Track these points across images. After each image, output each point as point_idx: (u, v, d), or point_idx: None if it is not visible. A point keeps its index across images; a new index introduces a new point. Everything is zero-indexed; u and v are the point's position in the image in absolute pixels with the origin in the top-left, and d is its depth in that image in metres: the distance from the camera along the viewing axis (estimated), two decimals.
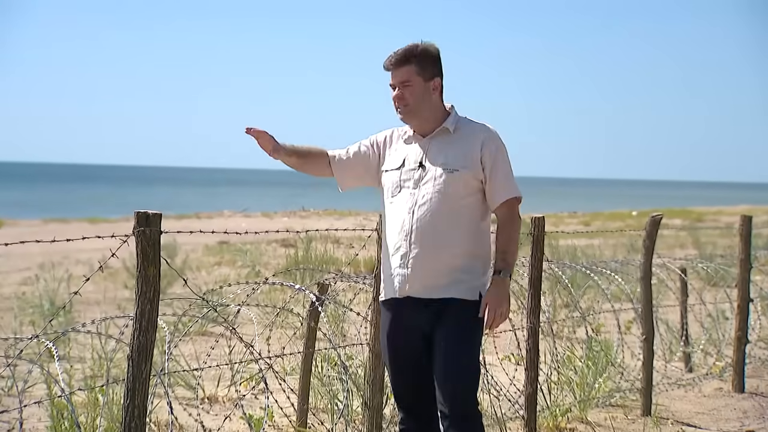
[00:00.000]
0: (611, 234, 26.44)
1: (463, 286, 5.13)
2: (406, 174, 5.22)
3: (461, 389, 5.09)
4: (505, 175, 5.20)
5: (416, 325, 5.15)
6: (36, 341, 6.15)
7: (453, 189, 5.12)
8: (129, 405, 4.84)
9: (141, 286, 4.84)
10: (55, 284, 14.44)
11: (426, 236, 5.09)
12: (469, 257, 5.16)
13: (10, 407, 7.37)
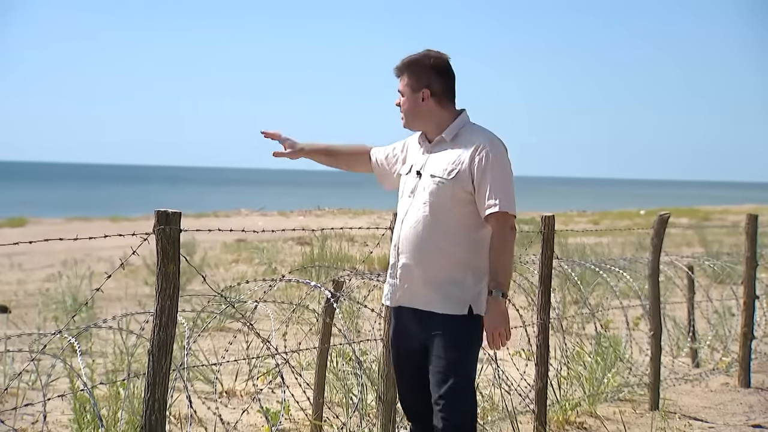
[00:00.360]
0: (619, 232, 26.40)
1: (450, 300, 4.91)
2: (407, 180, 5.14)
3: (453, 412, 4.88)
4: (493, 188, 4.89)
5: (412, 332, 5.03)
6: (59, 336, 6.15)
7: (440, 200, 4.93)
8: (149, 398, 4.84)
9: (161, 283, 4.84)
10: (78, 281, 14.49)
11: (411, 247, 4.95)
12: (460, 269, 4.93)
13: (35, 400, 7.39)
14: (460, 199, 4.92)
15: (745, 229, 9.84)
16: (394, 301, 5.07)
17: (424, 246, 4.92)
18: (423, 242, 4.92)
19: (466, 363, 4.95)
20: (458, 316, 4.90)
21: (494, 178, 4.89)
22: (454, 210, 4.92)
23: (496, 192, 4.87)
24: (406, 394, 5.17)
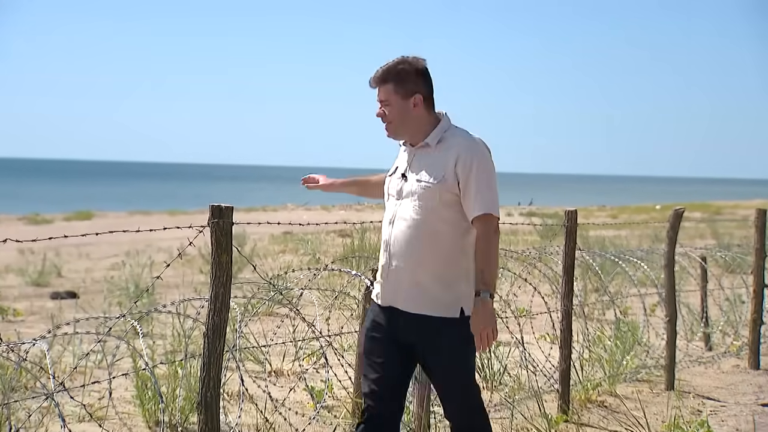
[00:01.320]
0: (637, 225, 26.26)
1: (442, 304, 4.62)
2: (393, 182, 4.82)
3: (460, 409, 4.70)
4: (479, 189, 4.61)
5: (396, 335, 4.71)
6: (123, 320, 6.20)
7: (429, 203, 4.62)
8: (205, 377, 4.86)
9: (215, 272, 4.86)
10: (139, 269, 14.60)
11: (402, 250, 4.64)
12: (449, 271, 4.63)
13: (101, 378, 7.45)
14: (447, 201, 4.64)
15: (755, 223, 9.80)
16: (383, 302, 4.74)
17: (414, 248, 4.63)
18: (413, 244, 4.63)
19: (466, 368, 4.70)
20: (450, 319, 4.61)
21: (479, 182, 4.62)
22: (443, 212, 4.63)
23: (481, 195, 4.61)
24: (369, 385, 4.77)
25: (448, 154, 4.67)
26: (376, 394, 4.73)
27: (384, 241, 4.75)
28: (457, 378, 4.67)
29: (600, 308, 12.19)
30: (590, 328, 9.49)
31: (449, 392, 4.71)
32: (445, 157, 4.66)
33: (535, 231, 24.97)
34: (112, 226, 28.56)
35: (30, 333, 10.39)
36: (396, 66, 4.71)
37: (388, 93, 4.71)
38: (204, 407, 4.84)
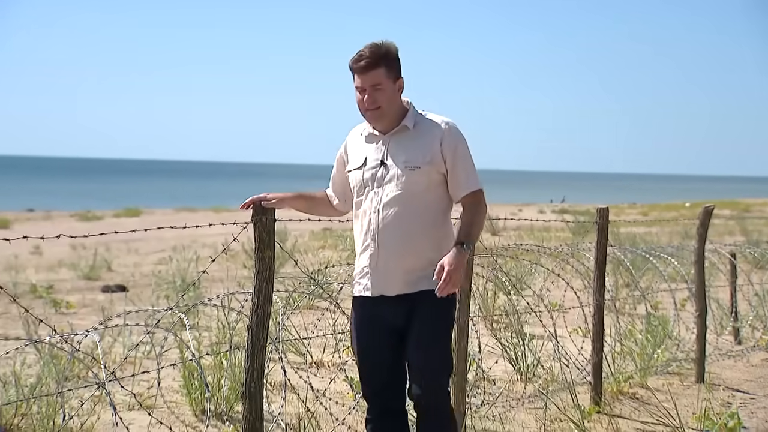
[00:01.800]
0: (667, 223, 26.05)
1: (428, 279, 4.50)
2: (369, 173, 4.62)
3: (432, 384, 4.55)
4: (466, 168, 4.58)
5: (388, 322, 4.61)
6: (170, 312, 6.24)
7: (416, 186, 4.52)
8: (249, 368, 4.88)
9: (258, 267, 4.88)
10: (186, 264, 14.69)
11: (393, 235, 4.53)
12: (436, 250, 4.54)
13: (150, 369, 7.50)
14: (434, 181, 4.55)
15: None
16: (374, 291, 4.60)
17: (406, 232, 4.52)
18: (405, 229, 4.52)
19: (446, 341, 4.61)
20: (433, 292, 4.46)
21: (465, 160, 4.59)
22: (431, 193, 4.56)
23: (469, 172, 4.59)
24: (369, 382, 4.71)
25: (430, 136, 4.57)
26: (376, 391, 4.69)
27: (369, 231, 4.59)
28: (435, 351, 4.54)
29: (631, 303, 12.12)
30: (621, 322, 9.43)
31: (422, 361, 4.54)
32: (427, 139, 4.56)
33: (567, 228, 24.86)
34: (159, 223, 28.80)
35: (82, 325, 10.50)
36: (384, 49, 4.53)
37: (380, 77, 4.51)
38: (248, 397, 4.86)
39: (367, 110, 4.56)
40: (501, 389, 7.85)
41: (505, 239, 22.68)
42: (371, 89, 4.51)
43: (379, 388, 4.69)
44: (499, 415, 7.13)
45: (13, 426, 6.41)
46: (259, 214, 4.83)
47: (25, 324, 9.14)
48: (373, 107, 4.53)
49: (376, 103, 4.52)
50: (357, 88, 4.56)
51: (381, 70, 4.50)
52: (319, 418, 6.63)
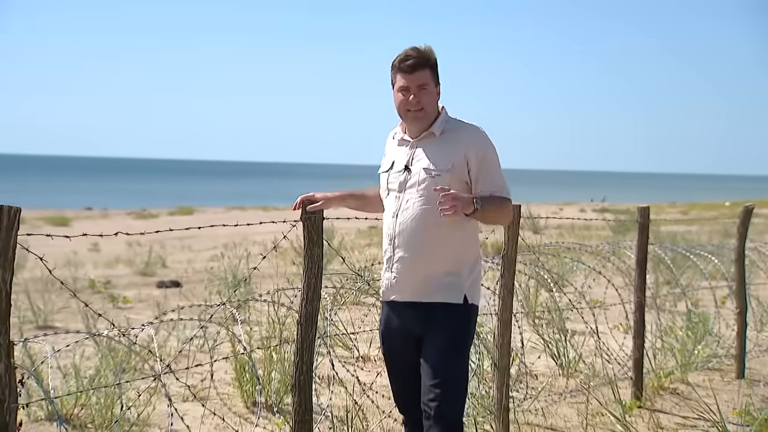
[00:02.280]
0: (707, 221, 25.73)
1: (448, 290, 4.35)
2: (393, 177, 4.49)
3: (445, 399, 4.30)
4: (492, 177, 4.39)
5: (406, 328, 4.45)
6: (223, 308, 6.28)
7: (436, 193, 4.25)
8: (298, 361, 4.89)
9: (307, 263, 4.88)
10: (237, 261, 14.75)
11: (409, 241, 4.35)
12: (455, 260, 4.37)
13: (203, 361, 7.57)
14: (456, 189, 4.30)
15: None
16: (388, 296, 4.47)
17: (422, 239, 4.34)
18: (422, 235, 4.34)
19: (462, 353, 4.39)
20: (454, 305, 4.35)
21: (492, 169, 4.40)
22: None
23: (495, 181, 4.40)
24: (398, 387, 4.59)
25: (456, 143, 4.39)
26: (409, 397, 4.52)
27: (387, 235, 4.45)
28: (453, 363, 4.33)
29: (671, 300, 11.99)
30: (662, 319, 9.34)
31: (439, 377, 4.31)
32: (453, 146, 4.39)
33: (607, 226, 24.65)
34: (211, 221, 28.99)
35: (138, 319, 10.61)
36: (430, 53, 4.39)
37: (426, 78, 4.38)
38: (298, 389, 4.87)
39: (409, 111, 4.40)
40: (543, 384, 7.80)
41: (547, 238, 22.53)
42: (417, 89, 4.37)
43: (406, 392, 4.53)
44: (541, 409, 7.09)
45: (73, 416, 6.49)
46: (308, 212, 4.84)
47: (84, 318, 9.26)
48: (417, 108, 4.39)
49: (420, 104, 4.38)
50: (400, 89, 4.40)
51: (427, 71, 4.38)
52: (366, 411, 6.63)
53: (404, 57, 4.38)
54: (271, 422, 6.62)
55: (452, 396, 4.32)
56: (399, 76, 4.40)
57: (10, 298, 3.95)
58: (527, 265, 8.30)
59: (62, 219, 32.83)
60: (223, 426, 6.52)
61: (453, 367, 4.32)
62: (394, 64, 4.42)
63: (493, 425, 6.16)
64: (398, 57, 4.41)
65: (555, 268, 12.10)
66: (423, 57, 4.37)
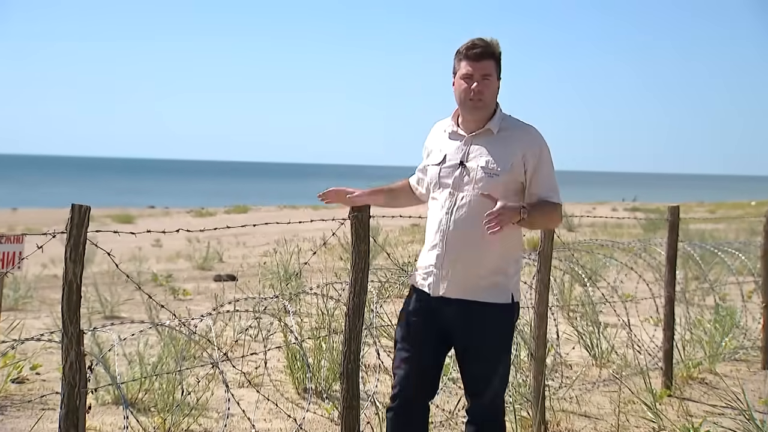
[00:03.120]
0: (733, 220, 25.38)
1: (497, 290, 4.11)
2: (446, 171, 4.19)
3: (493, 398, 4.17)
4: (549, 180, 4.16)
5: (441, 323, 4.19)
6: (276, 300, 6.31)
7: (494, 192, 4.04)
8: (346, 351, 4.90)
9: (354, 259, 4.89)
10: (288, 256, 14.81)
11: (463, 240, 4.09)
12: (504, 260, 4.13)
13: (257, 350, 7.61)
14: (511, 189, 4.11)
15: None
16: (436, 292, 4.17)
17: (478, 238, 4.06)
18: (477, 235, 4.06)
19: (509, 351, 4.22)
20: (503, 305, 4.13)
21: (549, 172, 4.16)
22: (506, 201, 4.03)
23: (549, 184, 4.16)
24: (405, 372, 4.26)
25: (514, 143, 4.13)
26: (410, 380, 4.25)
27: (439, 230, 4.15)
28: (497, 363, 4.15)
29: (700, 294, 11.83)
30: (691, 312, 9.23)
31: (483, 379, 4.15)
32: (510, 146, 4.12)
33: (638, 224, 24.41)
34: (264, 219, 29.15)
35: (197, 310, 10.69)
36: (496, 45, 4.14)
37: (491, 69, 4.11)
38: (346, 377, 4.88)
39: (470, 99, 4.11)
40: (577, 373, 7.74)
41: (581, 235, 22.36)
42: (480, 78, 4.09)
43: (414, 375, 4.26)
44: (575, 397, 7.04)
45: (137, 400, 6.56)
46: (356, 211, 4.84)
47: (147, 309, 9.35)
48: (478, 97, 4.10)
49: (481, 93, 4.10)
50: (464, 76, 4.12)
51: (492, 63, 4.11)
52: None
53: (471, 45, 4.12)
54: (320, 407, 6.64)
55: (499, 398, 4.21)
56: (464, 63, 4.13)
57: (80, 290, 4.01)
58: (562, 261, 8.24)
59: (127, 217, 33.21)
60: (276, 411, 6.55)
61: (502, 367, 4.17)
62: (459, 50, 4.16)
63: (529, 412, 6.12)
64: (465, 45, 4.15)
65: (588, 264, 12.01)
66: (490, 47, 4.12)
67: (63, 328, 4.00)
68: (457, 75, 4.17)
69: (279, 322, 7.11)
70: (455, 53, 4.19)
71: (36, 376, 7.49)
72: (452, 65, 4.22)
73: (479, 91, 4.10)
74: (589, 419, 6.58)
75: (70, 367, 4.00)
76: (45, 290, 12.82)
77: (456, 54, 4.19)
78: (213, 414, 6.47)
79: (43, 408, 6.52)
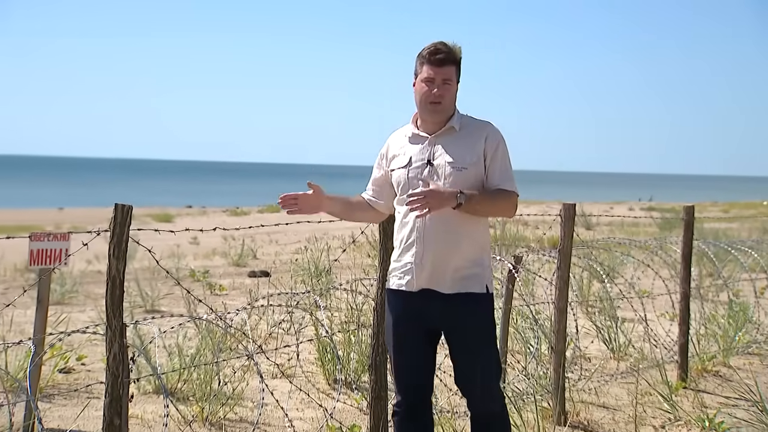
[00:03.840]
0: (746, 219, 25.15)
1: (475, 280, 4.05)
2: (414, 172, 4.12)
3: (486, 388, 4.10)
4: (504, 169, 4.11)
5: (426, 318, 4.10)
6: (307, 295, 6.31)
7: (463, 186, 4.00)
8: (374, 344, 4.90)
9: (382, 256, 4.88)
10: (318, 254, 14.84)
11: (440, 234, 4.02)
12: (479, 250, 4.08)
13: (290, 343, 7.63)
14: (478, 181, 4.07)
15: None
16: (418, 286, 4.07)
17: (452, 232, 4.03)
18: (450, 228, 4.02)
19: (494, 339, 4.17)
20: (480, 295, 4.07)
21: (503, 161, 4.11)
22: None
23: (506, 174, 4.10)
24: (403, 373, 4.20)
25: (474, 137, 4.10)
26: (412, 386, 4.20)
27: (415, 229, 4.07)
28: (479, 354, 4.08)
29: (714, 290, 11.73)
30: (705, 308, 9.13)
31: (470, 371, 4.09)
32: (472, 140, 4.10)
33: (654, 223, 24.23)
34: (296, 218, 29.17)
35: (233, 305, 10.73)
36: (456, 50, 4.10)
37: (451, 73, 4.08)
38: (374, 368, 4.88)
39: (430, 102, 4.08)
40: (596, 366, 7.70)
41: (598, 233, 22.23)
42: (441, 83, 4.06)
43: (414, 382, 4.19)
44: (594, 389, 6.99)
45: (176, 390, 6.60)
46: None
47: (186, 303, 9.40)
48: (438, 100, 4.06)
49: (441, 97, 4.06)
50: (425, 79, 4.07)
51: (453, 68, 4.08)
52: (435, 389, 6.62)
53: (434, 50, 4.07)
54: (350, 398, 6.64)
55: (493, 388, 4.12)
56: (426, 67, 4.08)
57: (123, 285, 4.03)
58: (581, 258, 8.19)
59: (166, 216, 33.40)
60: (307, 400, 6.56)
61: (486, 356, 4.09)
62: (422, 54, 4.10)
63: (550, 403, 6.09)
64: (428, 49, 4.10)
65: (606, 261, 11.94)
66: (451, 53, 4.08)
67: (107, 322, 4.03)
68: (419, 78, 4.12)
69: (310, 316, 7.12)
70: (417, 56, 4.14)
71: (81, 366, 7.55)
72: (414, 67, 4.17)
73: (440, 95, 4.07)
74: (607, 410, 6.53)
75: (113, 358, 4.02)
76: (90, 285, 12.92)
77: (418, 57, 4.13)
78: (248, 403, 6.50)
79: (88, 397, 6.58)
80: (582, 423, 6.16)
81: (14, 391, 6.34)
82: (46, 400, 6.47)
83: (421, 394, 4.22)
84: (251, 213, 37.09)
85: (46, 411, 6.21)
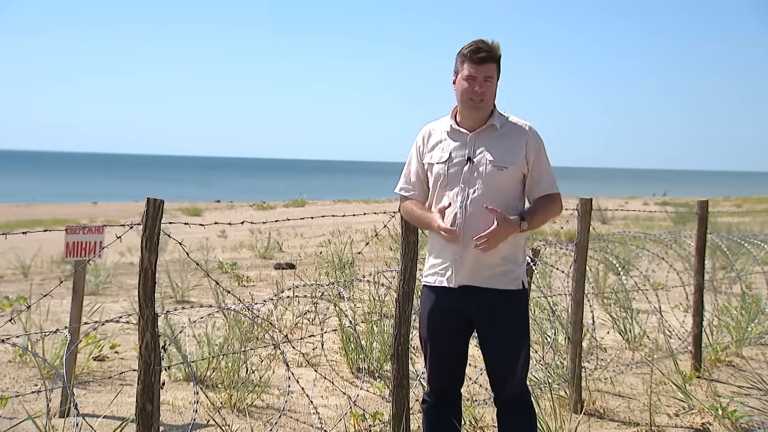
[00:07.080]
0: (759, 213, 24.91)
1: (510, 276, 4.02)
2: (454, 168, 4.05)
3: (516, 381, 4.08)
4: (547, 171, 4.08)
5: (462, 312, 4.07)
6: (331, 287, 6.32)
7: (503, 184, 3.98)
8: (396, 334, 4.89)
9: (404, 249, 4.87)
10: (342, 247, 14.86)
11: (478, 231, 3.93)
12: (514, 248, 4.03)
13: (315, 333, 7.64)
14: (517, 180, 4.03)
15: None
16: (456, 282, 4.03)
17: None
18: (488, 226, 3.91)
19: (528, 339, 4.10)
20: (516, 291, 4.04)
21: (545, 164, 4.08)
22: (513, 192, 4.03)
23: (549, 175, 4.08)
24: (435, 367, 4.19)
25: (516, 138, 4.04)
26: (442, 376, 4.19)
27: (455, 225, 4.00)
28: (517, 348, 4.05)
29: (727, 283, 11.63)
30: (719, 300, 9.08)
31: (505, 363, 4.06)
32: (514, 140, 4.04)
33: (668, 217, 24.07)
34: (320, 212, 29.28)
35: (260, 296, 10.76)
36: (498, 48, 4.02)
37: (493, 71, 4.00)
38: (396, 358, 4.88)
39: (472, 100, 4.00)
40: (612, 356, 7.66)
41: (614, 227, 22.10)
42: (483, 81, 3.98)
43: (446, 374, 4.19)
44: (610, 378, 6.96)
45: (206, 377, 6.63)
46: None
47: (215, 294, 9.43)
48: (479, 98, 3.99)
49: (483, 95, 3.99)
50: (467, 77, 3.99)
51: (494, 66, 4.00)
52: None
53: (476, 48, 3.99)
54: (372, 386, 6.64)
55: (525, 374, 4.12)
56: (467, 65, 3.99)
57: (154, 276, 4.05)
58: (597, 251, 8.15)
59: (195, 210, 33.56)
60: (332, 388, 6.58)
61: (524, 351, 4.07)
62: (463, 53, 4.01)
63: (567, 391, 6.07)
64: (468, 47, 4.01)
65: (622, 254, 11.86)
66: (493, 51, 4.00)
67: (139, 311, 4.05)
68: (460, 76, 4.05)
69: (334, 307, 7.12)
70: (458, 54, 4.06)
71: (115, 354, 7.61)
72: (454, 65, 4.09)
73: (482, 93, 3.99)
74: (622, 399, 6.50)
75: (145, 347, 4.05)
76: (122, 277, 13.01)
77: (459, 55, 4.05)
78: (274, 391, 6.52)
79: (121, 384, 6.62)
80: (598, 411, 6.13)
81: (51, 377, 6.41)
82: (81, 386, 6.53)
83: (453, 383, 4.23)
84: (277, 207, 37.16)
85: (81, 397, 6.26)
